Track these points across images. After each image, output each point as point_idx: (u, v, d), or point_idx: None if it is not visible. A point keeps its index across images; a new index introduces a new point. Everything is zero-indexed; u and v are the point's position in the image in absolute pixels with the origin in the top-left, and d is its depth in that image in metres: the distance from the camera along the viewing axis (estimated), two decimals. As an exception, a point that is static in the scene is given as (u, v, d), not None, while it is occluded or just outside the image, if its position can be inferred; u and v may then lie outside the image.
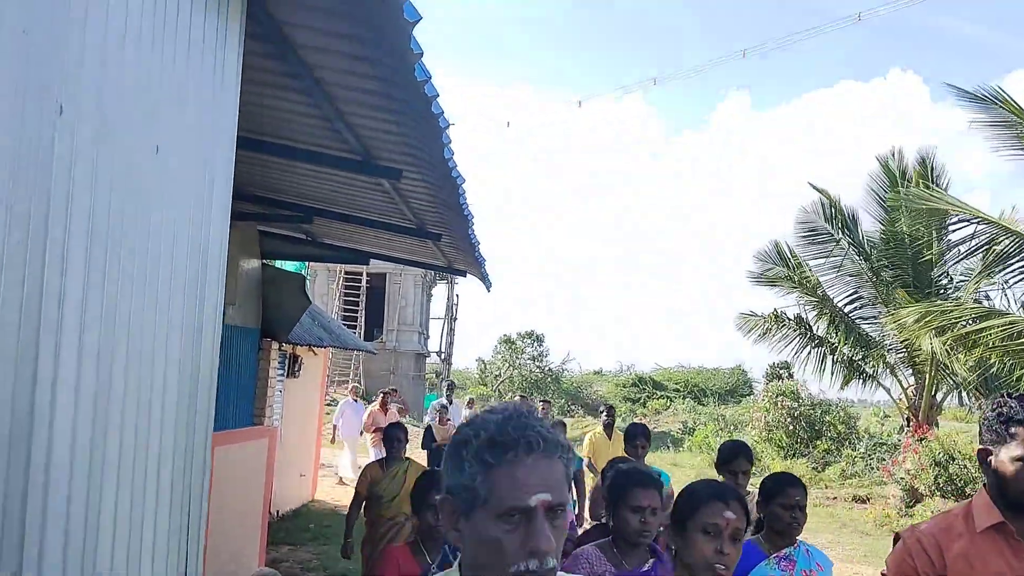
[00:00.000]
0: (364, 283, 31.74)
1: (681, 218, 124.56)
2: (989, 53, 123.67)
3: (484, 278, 10.89)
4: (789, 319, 20.53)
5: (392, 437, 7.77)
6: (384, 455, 8.05)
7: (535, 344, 46.76)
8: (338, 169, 6.88)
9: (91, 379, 2.70)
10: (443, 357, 36.06)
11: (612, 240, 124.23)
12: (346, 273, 32.34)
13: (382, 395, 16.15)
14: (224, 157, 3.57)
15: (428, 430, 14.14)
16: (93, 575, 2.75)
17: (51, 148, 2.43)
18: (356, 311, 31.68)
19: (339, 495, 15.80)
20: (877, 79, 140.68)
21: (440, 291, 37.45)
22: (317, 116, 5.61)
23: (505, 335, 47.84)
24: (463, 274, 11.82)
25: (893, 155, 19.21)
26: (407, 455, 7.98)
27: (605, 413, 11.98)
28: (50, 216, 2.43)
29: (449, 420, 14.42)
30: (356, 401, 18.81)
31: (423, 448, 14.15)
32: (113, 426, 2.82)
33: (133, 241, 2.90)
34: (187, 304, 3.31)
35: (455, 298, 36.68)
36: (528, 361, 46.14)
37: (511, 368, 45.89)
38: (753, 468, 20.86)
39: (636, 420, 15.08)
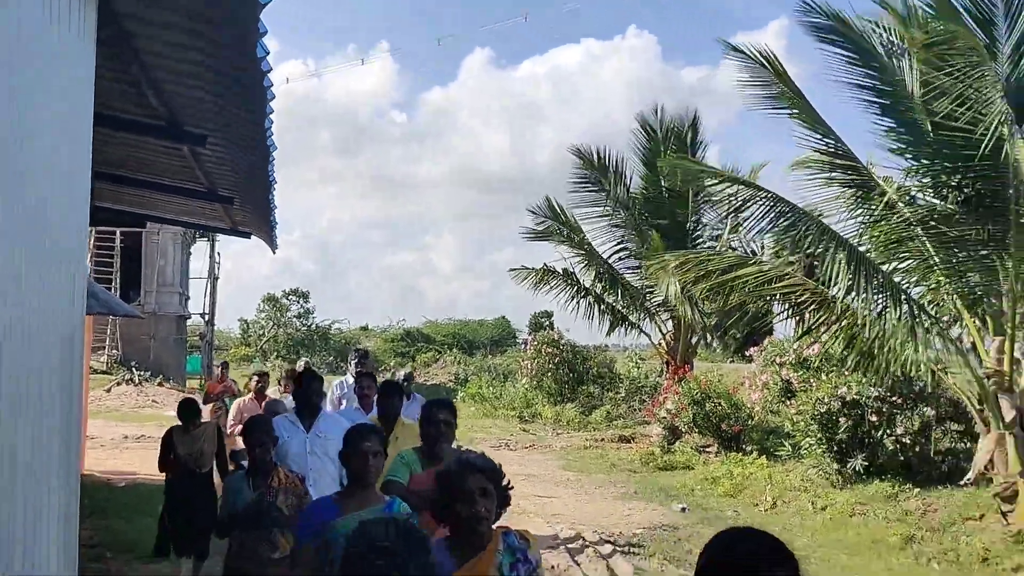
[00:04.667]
0: (118, 242, 29.84)
1: (436, 173, 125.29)
2: (717, 14, 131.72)
3: (272, 240, 10.79)
4: (559, 272, 21.48)
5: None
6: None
7: (301, 302, 46.06)
8: (133, 133, 6.62)
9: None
10: (206, 319, 34.77)
11: (368, 196, 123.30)
12: (98, 232, 30.26)
13: (255, 378, 10.94)
14: (84, 139, 3.44)
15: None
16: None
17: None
18: (110, 272, 29.77)
19: (111, 466, 15.09)
20: (617, 37, 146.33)
21: (200, 249, 35.95)
22: (121, 80, 5.37)
23: (269, 293, 46.82)
24: (248, 236, 11.59)
25: (655, 112, 20.55)
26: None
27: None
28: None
29: (221, 408, 10.95)
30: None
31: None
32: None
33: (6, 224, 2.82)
34: (60, 287, 3.20)
35: (217, 256, 35.37)
36: (294, 319, 45.40)
37: (276, 327, 44.98)
38: (520, 414, 21.39)
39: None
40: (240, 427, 9.04)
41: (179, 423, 8.03)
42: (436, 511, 3.29)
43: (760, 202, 11.64)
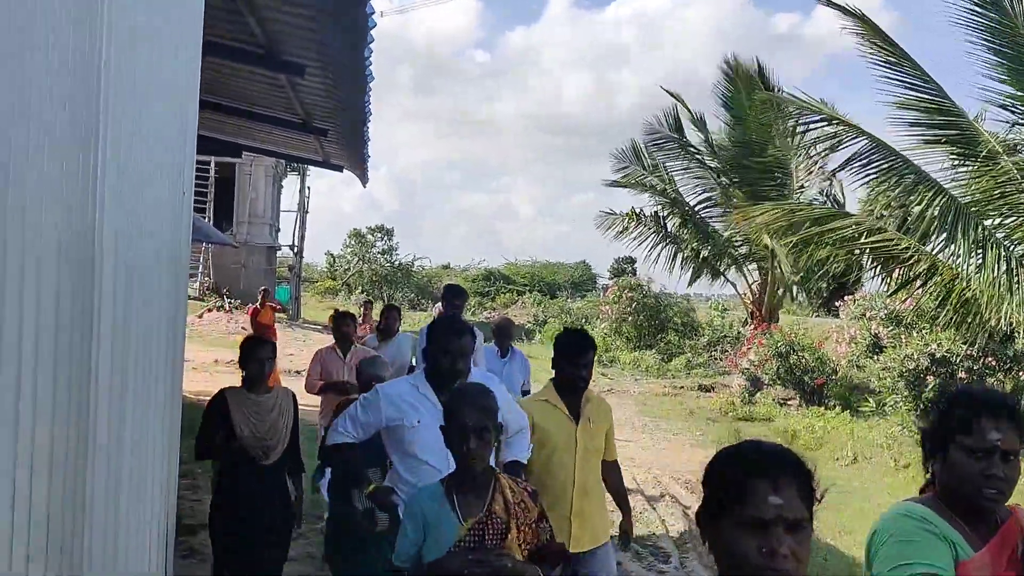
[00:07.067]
0: (212, 173, 30.47)
1: (515, 115, 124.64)
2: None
3: (364, 173, 10.91)
4: (646, 217, 21.31)
5: None
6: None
7: (385, 238, 46.52)
8: (233, 61, 6.70)
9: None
10: (295, 251, 35.42)
11: (446, 136, 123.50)
12: (192, 162, 30.93)
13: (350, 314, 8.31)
14: (193, 63, 3.50)
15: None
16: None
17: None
18: (204, 203, 30.38)
19: (201, 388, 15.53)
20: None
21: (290, 183, 36.49)
22: (223, 7, 5.43)
23: (355, 229, 47.40)
24: (340, 169, 11.73)
25: (738, 60, 20.03)
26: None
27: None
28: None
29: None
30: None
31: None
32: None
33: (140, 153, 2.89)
34: (168, 211, 3.28)
35: (307, 191, 35.85)
36: (378, 255, 45.92)
37: (361, 262, 45.61)
38: (599, 358, 20.99)
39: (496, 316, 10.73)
40: (321, 383, 7.26)
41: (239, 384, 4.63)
42: None
43: (859, 145, 11.26)
